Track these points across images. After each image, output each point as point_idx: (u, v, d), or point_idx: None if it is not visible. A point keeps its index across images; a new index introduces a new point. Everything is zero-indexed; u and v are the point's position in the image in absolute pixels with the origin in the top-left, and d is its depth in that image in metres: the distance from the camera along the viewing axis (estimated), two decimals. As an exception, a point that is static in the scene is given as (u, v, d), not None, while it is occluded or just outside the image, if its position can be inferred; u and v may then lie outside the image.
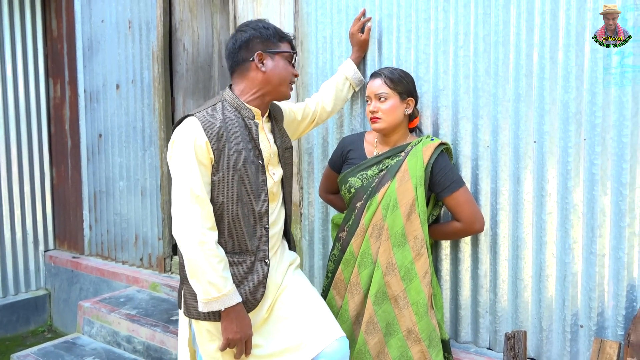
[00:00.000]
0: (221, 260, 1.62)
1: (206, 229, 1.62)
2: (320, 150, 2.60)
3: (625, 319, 1.82)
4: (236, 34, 1.80)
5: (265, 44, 1.76)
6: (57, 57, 4.24)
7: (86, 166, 4.07)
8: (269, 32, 1.77)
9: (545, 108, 1.93)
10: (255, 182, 1.74)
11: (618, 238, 1.82)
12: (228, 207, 1.69)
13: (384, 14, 2.32)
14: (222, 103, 1.76)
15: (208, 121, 1.68)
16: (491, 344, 2.15)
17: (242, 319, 1.66)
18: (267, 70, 1.76)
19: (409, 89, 2.03)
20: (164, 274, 3.57)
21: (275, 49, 1.78)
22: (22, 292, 4.23)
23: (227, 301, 1.62)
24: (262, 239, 1.76)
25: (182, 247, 1.62)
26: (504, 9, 2.00)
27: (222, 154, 1.67)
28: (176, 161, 1.65)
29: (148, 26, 3.53)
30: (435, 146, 1.97)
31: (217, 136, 1.66)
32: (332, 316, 1.86)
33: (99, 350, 3.09)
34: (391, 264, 1.93)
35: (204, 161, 1.65)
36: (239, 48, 1.77)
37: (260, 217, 1.76)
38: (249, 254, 1.74)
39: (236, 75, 1.81)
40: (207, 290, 1.60)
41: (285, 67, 1.80)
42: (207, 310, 1.63)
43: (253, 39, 1.75)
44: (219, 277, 1.60)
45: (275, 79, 1.77)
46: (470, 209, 1.95)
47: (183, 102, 3.55)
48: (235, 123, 1.73)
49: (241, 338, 1.67)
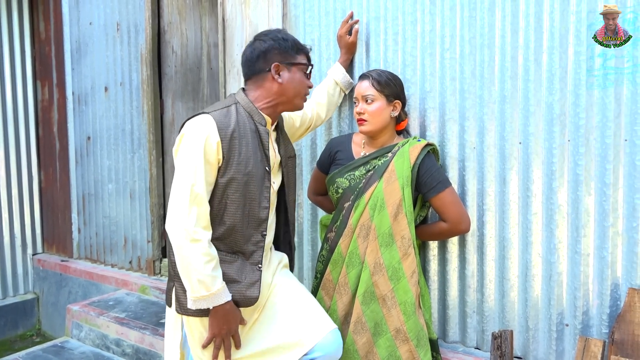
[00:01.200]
0: (212, 259, 1.62)
1: (200, 228, 1.62)
2: (308, 153, 2.61)
3: (610, 318, 1.85)
4: (254, 43, 1.80)
5: (283, 56, 1.77)
6: (45, 60, 4.22)
7: (75, 169, 4.05)
8: (288, 43, 1.78)
9: (530, 110, 1.95)
10: (260, 189, 1.74)
11: (602, 238, 1.85)
12: (230, 210, 1.70)
13: (371, 17, 2.33)
14: (236, 106, 1.76)
15: (223, 122, 1.68)
16: (479, 343, 2.17)
17: (230, 316, 1.67)
18: (284, 82, 1.77)
19: (396, 92, 2.04)
20: (153, 277, 3.56)
21: (293, 61, 1.78)
22: (10, 296, 4.20)
23: (216, 300, 1.62)
24: (258, 244, 1.77)
25: (174, 243, 1.62)
26: (489, 12, 2.02)
27: (232, 157, 1.67)
28: (183, 155, 1.65)
29: (136, 29, 3.52)
30: (421, 147, 1.99)
31: (230, 138, 1.67)
32: (323, 310, 1.88)
33: (88, 354, 3.07)
34: (379, 263, 1.94)
35: (212, 161, 1.65)
36: (257, 58, 1.77)
37: (259, 224, 1.77)
38: (241, 254, 1.75)
39: (251, 82, 1.81)
40: (196, 288, 1.61)
41: (301, 79, 1.81)
42: (196, 308, 1.64)
43: (271, 49, 1.76)
44: (209, 276, 1.60)
45: (290, 91, 1.78)
46: (456, 209, 1.97)
47: (172, 105, 3.55)
48: (247, 128, 1.73)
49: (227, 333, 1.68)
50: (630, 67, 1.76)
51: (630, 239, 1.79)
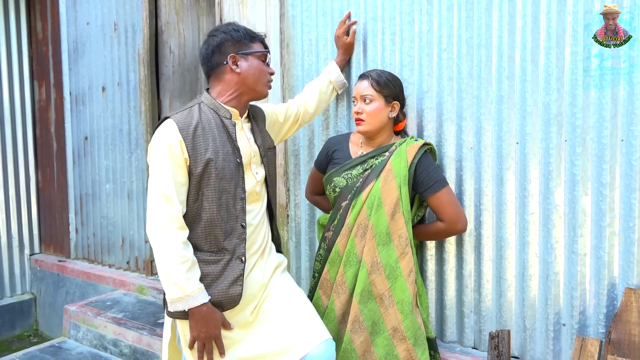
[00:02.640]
0: (186, 260, 1.63)
1: (174, 229, 1.63)
2: (306, 152, 2.61)
3: (606, 317, 1.85)
4: (208, 39, 1.82)
5: (237, 46, 1.79)
6: (42, 60, 4.21)
7: (72, 169, 4.05)
8: (240, 34, 1.80)
9: (527, 110, 1.96)
10: (234, 181, 1.75)
11: (599, 237, 1.85)
12: (205, 205, 1.70)
13: (369, 17, 2.33)
14: (199, 105, 1.78)
15: (184, 121, 1.70)
16: (476, 343, 2.17)
17: (208, 319, 1.66)
18: (242, 71, 1.78)
19: (394, 93, 2.05)
20: (150, 277, 3.55)
21: (248, 50, 1.80)
22: (7, 296, 4.19)
23: (191, 302, 1.63)
24: (240, 237, 1.77)
25: (152, 246, 1.65)
26: (487, 12, 2.03)
27: (198, 153, 1.68)
28: (152, 162, 1.68)
29: (134, 29, 3.52)
30: (419, 146, 1.99)
31: (193, 136, 1.68)
32: (319, 318, 1.86)
33: (85, 354, 3.07)
34: (376, 262, 1.94)
35: (179, 161, 1.66)
36: (212, 52, 1.79)
37: (237, 215, 1.76)
38: (226, 252, 1.74)
39: (212, 79, 1.83)
40: (171, 290, 1.62)
41: (260, 66, 1.82)
42: (173, 310, 1.66)
43: (225, 42, 1.78)
44: (182, 277, 1.61)
45: (250, 79, 1.79)
46: (453, 209, 1.98)
47: (169, 105, 3.54)
48: (213, 123, 1.74)
49: (207, 337, 1.67)
50: (627, 68, 1.77)
51: (627, 238, 1.80)
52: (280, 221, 2.73)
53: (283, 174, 2.70)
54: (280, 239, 2.06)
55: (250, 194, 1.81)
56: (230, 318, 1.75)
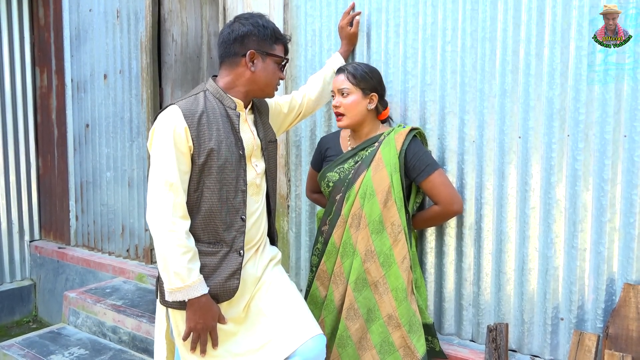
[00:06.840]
0: (188, 250, 1.61)
1: (177, 218, 1.61)
2: (308, 143, 2.61)
3: (605, 312, 1.86)
4: (234, 24, 1.76)
5: (260, 44, 1.75)
6: (44, 46, 4.19)
7: (73, 156, 4.04)
8: (267, 31, 1.75)
9: (530, 104, 1.95)
10: (236, 172, 1.73)
11: (599, 233, 1.85)
12: (206, 196, 1.69)
13: (373, 8, 2.32)
14: (205, 93, 1.75)
15: (189, 109, 1.67)
16: (474, 336, 2.18)
17: (206, 310, 1.65)
18: (256, 71, 1.75)
19: (372, 85, 2.04)
20: (150, 265, 3.56)
21: (269, 51, 1.77)
22: (7, 282, 4.21)
23: (191, 292, 1.61)
24: (239, 230, 1.75)
25: (153, 234, 1.62)
26: (492, 5, 2.02)
27: (202, 142, 1.66)
28: (155, 148, 1.65)
29: (136, 16, 3.50)
30: (406, 132, 2.00)
31: (198, 124, 1.66)
32: (310, 314, 1.84)
33: (85, 341, 3.09)
34: (370, 250, 1.95)
35: (183, 149, 1.64)
36: (234, 40, 1.74)
37: (237, 208, 1.74)
38: (224, 244, 1.72)
39: (224, 66, 1.79)
40: (171, 280, 1.60)
41: (274, 71, 1.79)
42: (172, 300, 1.64)
43: (250, 35, 1.73)
44: (184, 267, 1.59)
45: (262, 81, 1.77)
46: (447, 190, 1.98)
47: (171, 93, 3.54)
48: (217, 112, 1.72)
49: (203, 328, 1.66)
50: (632, 63, 1.76)
51: (627, 234, 1.80)
52: (280, 212, 2.73)
53: (284, 165, 2.70)
54: (276, 233, 2.05)
55: (250, 186, 1.79)
56: (223, 311, 1.73)
